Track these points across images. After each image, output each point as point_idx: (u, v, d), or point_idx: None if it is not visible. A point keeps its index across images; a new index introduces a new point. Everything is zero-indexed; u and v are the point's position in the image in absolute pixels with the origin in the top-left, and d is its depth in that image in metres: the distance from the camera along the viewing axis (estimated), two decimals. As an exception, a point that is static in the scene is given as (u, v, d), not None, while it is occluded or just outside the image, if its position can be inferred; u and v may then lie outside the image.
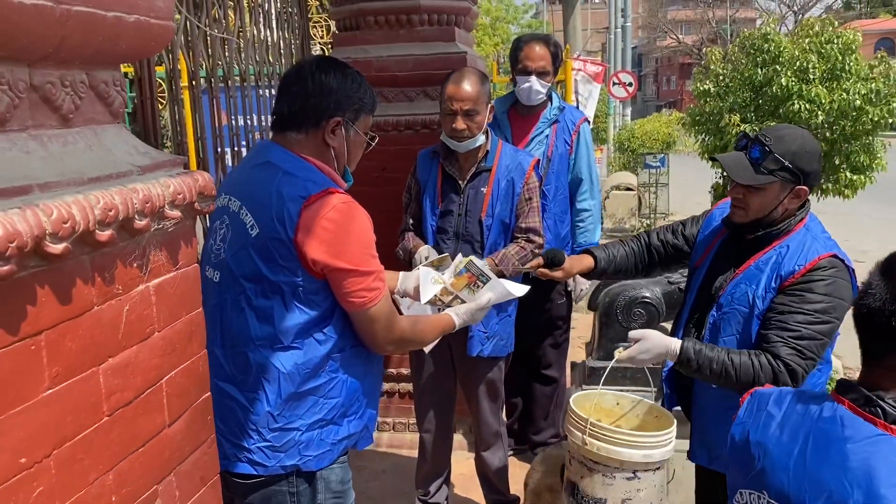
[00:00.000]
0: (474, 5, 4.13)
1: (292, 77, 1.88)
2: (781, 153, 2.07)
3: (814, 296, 2.01)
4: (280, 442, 1.76)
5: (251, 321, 1.72)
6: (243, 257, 1.73)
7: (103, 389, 0.99)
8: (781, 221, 2.14)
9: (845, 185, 7.64)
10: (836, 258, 2.07)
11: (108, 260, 0.99)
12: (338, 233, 1.70)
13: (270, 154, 1.82)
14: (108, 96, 1.08)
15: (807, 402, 1.36)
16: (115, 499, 1.01)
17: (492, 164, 2.92)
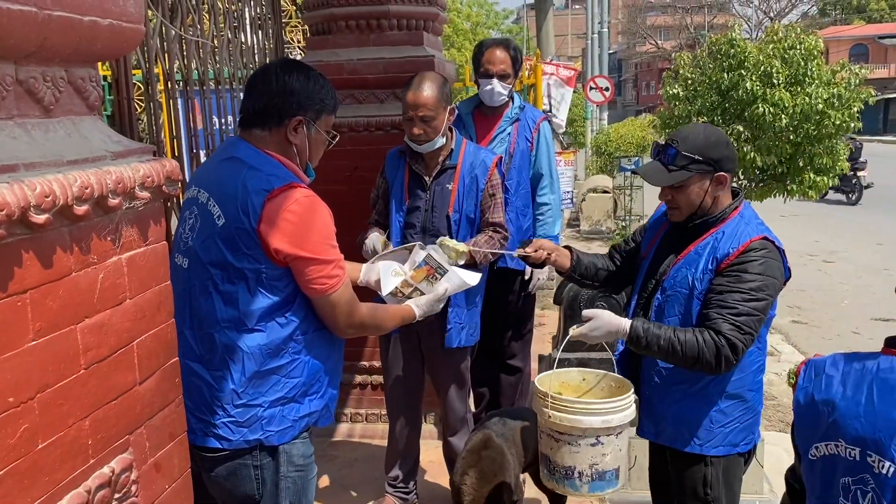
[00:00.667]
0: (442, 11, 4.28)
1: (258, 77, 2.01)
2: (688, 150, 2.24)
3: (748, 275, 2.16)
4: (244, 418, 1.87)
5: (217, 304, 1.84)
6: (210, 245, 1.85)
7: (80, 345, 1.13)
8: (717, 211, 2.30)
9: (809, 186, 7.87)
10: (767, 240, 2.22)
11: (85, 232, 1.14)
12: (299, 224, 1.83)
13: (237, 150, 1.95)
14: (85, 91, 1.23)
15: (862, 360, 1.56)
16: (90, 442, 1.16)
17: (456, 161, 3.09)
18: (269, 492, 1.96)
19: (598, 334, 2.29)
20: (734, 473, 2.40)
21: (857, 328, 7.63)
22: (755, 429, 2.40)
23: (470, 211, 3.08)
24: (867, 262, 10.31)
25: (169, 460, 1.38)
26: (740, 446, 2.35)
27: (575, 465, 2.35)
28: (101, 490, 1.18)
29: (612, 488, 2.39)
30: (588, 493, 2.40)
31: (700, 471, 2.35)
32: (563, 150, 8.43)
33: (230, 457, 1.90)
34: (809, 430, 1.61)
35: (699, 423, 2.31)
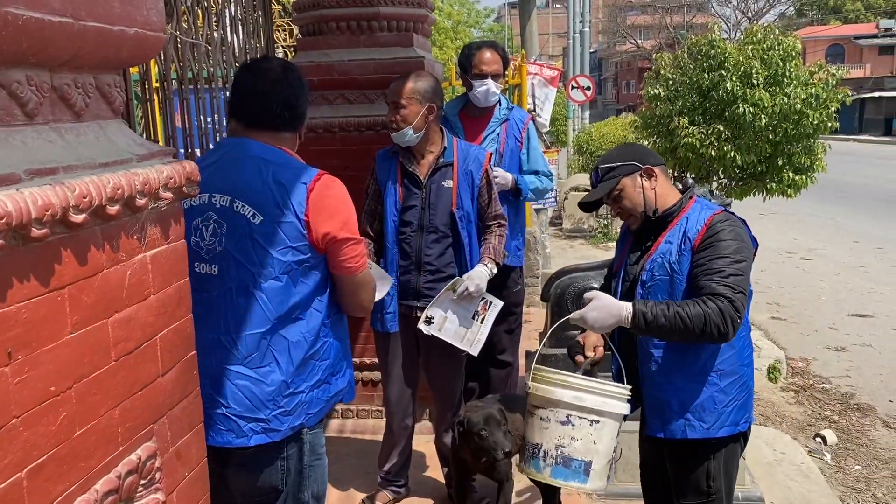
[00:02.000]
0: (431, 12, 4.36)
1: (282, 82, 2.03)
2: (605, 163, 2.48)
3: (723, 242, 2.27)
4: (291, 406, 1.95)
5: (263, 302, 1.89)
6: (247, 245, 1.90)
7: (111, 338, 1.20)
8: (670, 203, 2.43)
9: (788, 184, 8.02)
10: (727, 212, 2.39)
11: (115, 231, 1.20)
12: (340, 207, 1.96)
13: (250, 149, 1.99)
14: (111, 96, 1.29)
15: None
16: (120, 430, 1.22)
17: (451, 159, 3.18)
18: (293, 481, 2.03)
19: (597, 316, 2.30)
20: (733, 462, 2.46)
21: (834, 324, 7.81)
22: (750, 406, 2.45)
23: (469, 206, 3.18)
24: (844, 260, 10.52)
25: (188, 449, 1.45)
26: (741, 424, 2.41)
27: (542, 442, 2.30)
28: (130, 476, 1.24)
29: (577, 482, 2.29)
30: (550, 477, 2.32)
31: (703, 463, 2.39)
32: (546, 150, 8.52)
33: (261, 451, 1.96)
34: None
35: (704, 406, 2.35)
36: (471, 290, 3.10)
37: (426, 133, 3.13)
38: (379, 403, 4.13)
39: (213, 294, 1.90)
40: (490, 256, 3.21)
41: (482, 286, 3.14)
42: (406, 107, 3.07)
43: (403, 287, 3.23)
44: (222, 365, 1.89)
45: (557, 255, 10.16)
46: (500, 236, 3.28)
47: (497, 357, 4.04)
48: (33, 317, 1.03)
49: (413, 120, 3.07)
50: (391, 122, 3.13)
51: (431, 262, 3.18)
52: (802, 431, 5.32)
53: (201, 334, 1.85)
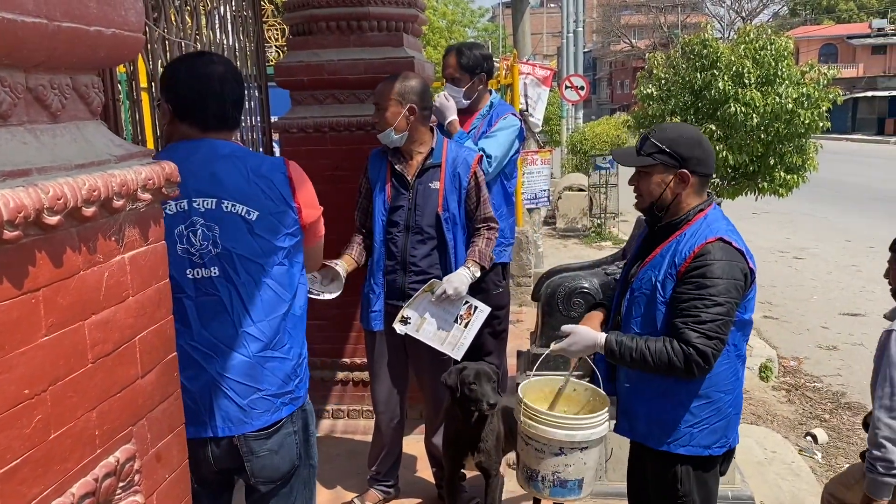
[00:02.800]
0: (422, 12, 4.35)
1: (227, 80, 2.03)
2: (659, 139, 2.31)
3: (708, 281, 2.17)
4: (303, 372, 2.13)
5: (276, 287, 2.00)
6: (249, 240, 1.96)
7: (88, 340, 1.19)
8: (681, 212, 2.33)
9: (780, 184, 8.05)
10: (722, 241, 2.22)
11: (92, 233, 1.20)
12: (309, 186, 2.09)
13: (219, 149, 2.00)
14: (88, 97, 1.28)
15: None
16: (97, 433, 1.22)
17: (439, 160, 3.17)
18: (304, 452, 2.17)
19: (576, 349, 2.42)
20: (709, 471, 2.42)
21: (825, 323, 7.83)
22: (729, 433, 2.38)
23: (455, 209, 3.17)
24: (836, 259, 10.55)
25: (168, 451, 1.44)
26: (712, 448, 2.35)
27: (539, 469, 2.49)
28: (108, 479, 1.23)
29: (573, 496, 2.51)
30: (549, 496, 2.54)
31: (672, 468, 2.38)
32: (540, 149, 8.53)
33: (278, 429, 2.07)
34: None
35: (668, 421, 2.35)
36: (449, 293, 3.08)
37: (411, 134, 3.13)
38: (369, 404, 4.12)
39: (222, 294, 1.95)
40: (474, 259, 3.19)
41: (461, 289, 3.12)
42: (387, 108, 3.09)
43: (390, 286, 3.23)
44: (253, 354, 1.98)
45: (551, 255, 10.17)
46: (487, 239, 3.27)
47: (483, 360, 4.02)
48: (6, 319, 1.02)
49: (394, 121, 3.08)
50: (375, 124, 3.18)
51: (417, 263, 3.18)
52: (793, 430, 5.34)
53: (221, 331, 1.93)
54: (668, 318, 2.26)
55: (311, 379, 4.30)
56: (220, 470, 2.07)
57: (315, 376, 4.39)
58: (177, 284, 1.84)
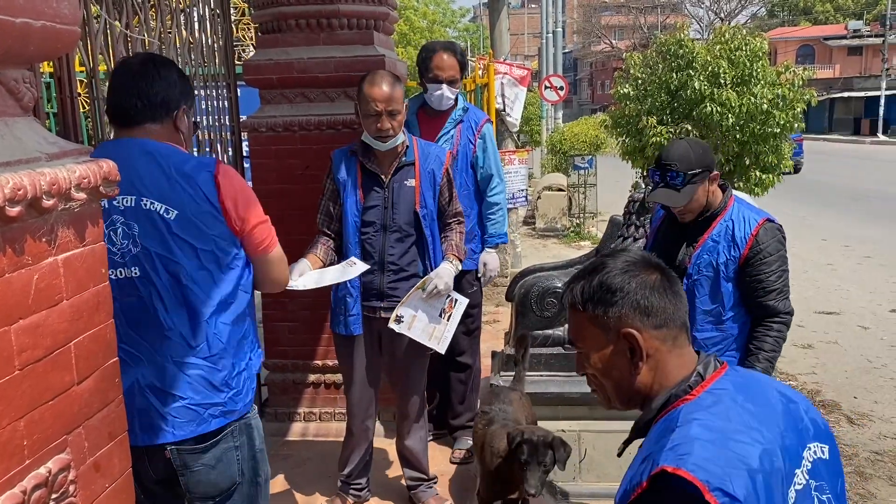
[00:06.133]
0: (393, 10, 4.30)
1: (137, 74, 2.00)
2: (688, 168, 2.67)
3: (769, 258, 2.68)
4: (240, 385, 2.03)
5: (197, 292, 1.91)
6: (168, 241, 1.88)
7: (14, 346, 1.14)
8: (716, 203, 2.75)
9: (755, 183, 8.09)
10: (769, 221, 2.74)
11: (18, 234, 1.14)
12: (246, 192, 1.99)
13: (143, 146, 1.94)
14: (19, 92, 1.23)
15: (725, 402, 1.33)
16: (26, 442, 1.16)
17: (413, 158, 3.14)
18: (248, 468, 2.08)
19: None
20: None
21: (801, 321, 7.85)
22: None
23: (432, 205, 3.16)
24: (812, 258, 10.62)
25: (109, 460, 1.39)
26: None
27: None
28: (38, 490, 1.18)
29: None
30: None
31: None
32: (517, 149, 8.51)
33: (215, 443, 1.99)
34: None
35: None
36: (440, 287, 3.09)
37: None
38: (342, 406, 4.07)
39: (144, 294, 1.89)
40: (454, 254, 3.21)
41: (450, 283, 3.14)
42: (400, 112, 3.04)
43: (366, 288, 3.18)
44: (175, 359, 1.91)
45: (530, 255, 10.15)
46: (460, 233, 3.30)
47: (456, 359, 4.01)
48: (-82, 325, 0.97)
49: (403, 123, 3.07)
50: (387, 130, 3.02)
51: (395, 262, 3.15)
52: (768, 429, 5.34)
53: (145, 335, 1.87)
54: (738, 290, 2.73)
55: (283, 382, 4.30)
56: (161, 481, 2.01)
57: (287, 379, 4.34)
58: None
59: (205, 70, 4.04)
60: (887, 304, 8.24)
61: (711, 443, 1.16)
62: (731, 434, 1.17)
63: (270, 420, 4.31)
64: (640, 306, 1.27)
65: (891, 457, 4.71)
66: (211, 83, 4.13)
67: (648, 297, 1.27)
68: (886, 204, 14.76)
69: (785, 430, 1.20)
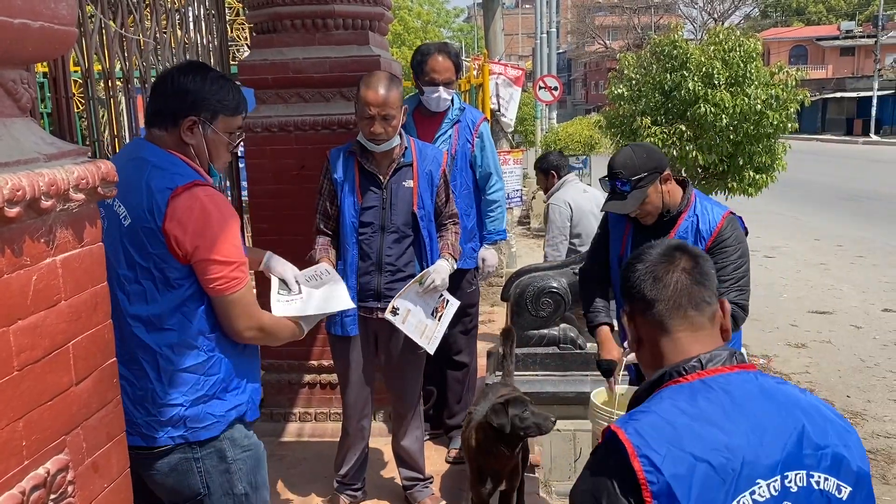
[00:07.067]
0: (388, 11, 4.31)
1: (159, 78, 2.04)
2: (633, 173, 2.67)
3: (729, 249, 2.67)
4: (165, 417, 1.89)
5: (125, 305, 1.85)
6: (117, 245, 1.86)
7: (13, 347, 1.14)
8: (678, 201, 2.75)
9: (749, 183, 8.11)
10: (732, 214, 2.75)
11: (17, 234, 1.14)
12: (202, 223, 1.86)
13: (142, 150, 1.96)
14: (17, 92, 1.23)
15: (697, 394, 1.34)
16: (25, 443, 1.16)
17: (411, 159, 3.14)
18: (218, 482, 1.99)
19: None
20: None
21: (794, 321, 7.91)
22: None
23: (430, 206, 3.16)
24: (805, 257, 10.67)
25: (107, 460, 1.39)
26: None
27: None
28: (37, 491, 1.18)
29: None
30: None
31: None
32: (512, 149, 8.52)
33: (167, 452, 1.91)
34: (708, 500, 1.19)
35: None
36: (437, 282, 3.08)
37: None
38: (337, 406, 4.07)
39: None
40: (449, 252, 3.22)
41: (446, 280, 3.14)
42: (396, 116, 3.00)
43: (363, 288, 3.18)
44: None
45: (525, 255, 10.17)
46: (455, 234, 3.30)
47: (453, 358, 4.01)
48: (-82, 326, 0.97)
49: (399, 127, 3.04)
50: (379, 134, 3.00)
51: (392, 263, 3.15)
52: (762, 428, 5.36)
53: None
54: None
55: (279, 382, 4.30)
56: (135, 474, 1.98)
57: (282, 379, 4.34)
58: None
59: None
60: (880, 304, 8.29)
61: (667, 421, 1.22)
62: (694, 421, 1.22)
63: (266, 420, 4.30)
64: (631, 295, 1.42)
65: (884, 455, 4.75)
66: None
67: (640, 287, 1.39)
68: (879, 204, 14.84)
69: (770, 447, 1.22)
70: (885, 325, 7.53)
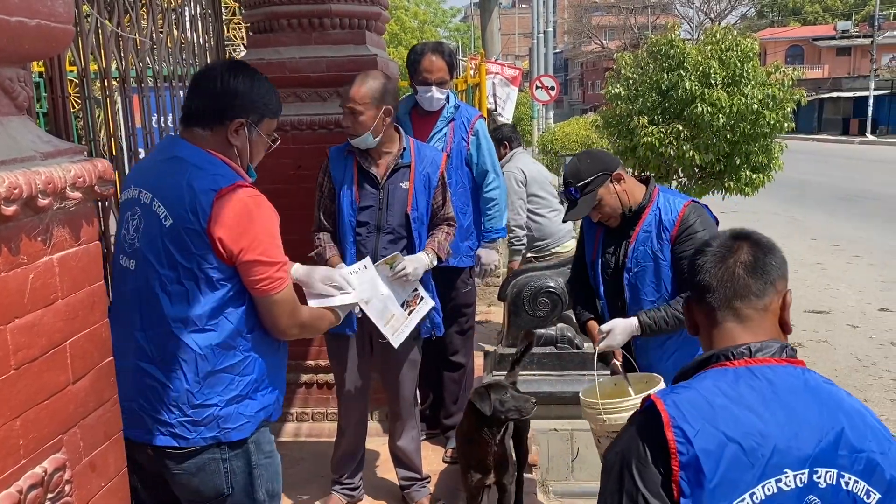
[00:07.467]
0: (385, 10, 4.31)
1: (202, 77, 2.03)
2: (579, 180, 2.74)
3: (698, 233, 2.65)
4: (200, 417, 1.90)
5: (166, 305, 1.85)
6: (158, 246, 1.86)
7: (10, 345, 1.13)
8: (640, 198, 2.77)
9: (746, 183, 8.12)
10: (694, 202, 2.78)
11: (14, 233, 1.14)
12: (247, 224, 1.87)
13: (179, 149, 1.96)
14: (13, 91, 1.23)
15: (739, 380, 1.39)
16: (22, 442, 1.16)
17: (409, 160, 3.14)
18: (242, 483, 1.99)
19: (620, 338, 2.75)
20: None
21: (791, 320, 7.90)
22: None
23: (424, 208, 3.15)
24: (802, 257, 10.68)
25: (104, 459, 1.38)
26: None
27: None
28: (34, 490, 1.18)
29: None
30: None
31: None
32: (509, 149, 8.51)
33: (197, 452, 1.92)
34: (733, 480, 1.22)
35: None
36: (408, 270, 3.02)
37: (383, 134, 3.09)
38: (334, 406, 4.07)
39: (128, 288, 1.89)
40: (433, 248, 3.17)
41: (419, 272, 3.08)
42: (363, 112, 2.99)
43: None
44: (136, 361, 1.86)
45: (521, 255, 10.14)
46: (447, 233, 3.26)
47: (449, 358, 4.01)
48: (-86, 324, 0.96)
49: (371, 124, 3.01)
50: (347, 127, 3.04)
51: None
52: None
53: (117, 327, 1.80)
54: (676, 275, 2.71)
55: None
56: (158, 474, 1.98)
57: (279, 379, 4.33)
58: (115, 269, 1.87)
59: (196, 70, 4.03)
60: (876, 303, 8.31)
61: (706, 399, 1.25)
62: (732, 403, 1.25)
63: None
64: (688, 282, 1.49)
65: (880, 454, 4.75)
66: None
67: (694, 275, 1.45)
68: (875, 203, 14.87)
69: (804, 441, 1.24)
70: (882, 325, 7.55)
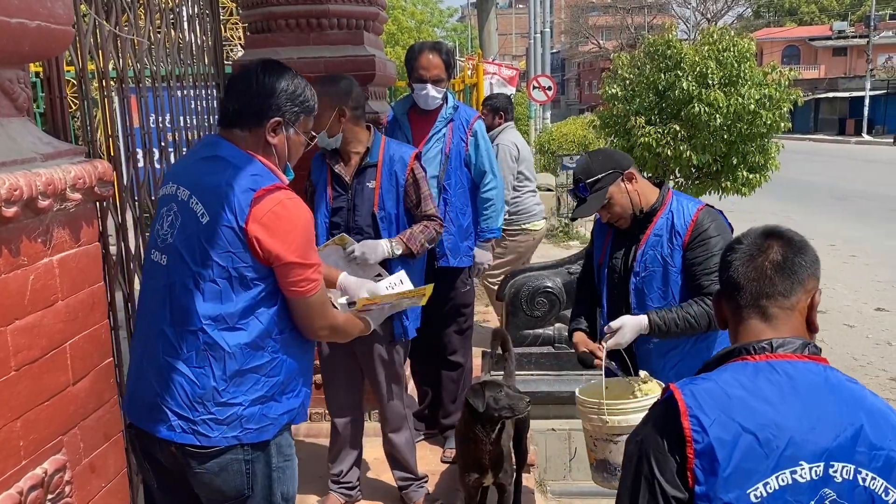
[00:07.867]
0: (382, 10, 4.30)
1: (239, 77, 2.02)
2: (589, 176, 2.66)
3: (712, 239, 2.56)
4: (223, 416, 1.88)
5: (199, 302, 1.84)
6: (193, 243, 1.85)
7: (10, 347, 1.14)
8: (652, 200, 2.68)
9: (742, 183, 8.14)
10: (708, 206, 2.68)
11: (14, 234, 1.14)
12: (285, 226, 1.87)
13: (219, 148, 1.95)
14: (13, 92, 1.23)
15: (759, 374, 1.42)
16: (23, 443, 1.16)
17: (376, 159, 3.13)
18: (261, 485, 1.99)
19: (627, 336, 2.63)
20: None
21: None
22: None
23: (392, 207, 3.13)
24: (798, 257, 10.68)
25: (104, 460, 1.39)
26: None
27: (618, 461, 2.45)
28: (34, 491, 1.18)
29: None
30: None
31: None
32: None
33: (220, 452, 1.91)
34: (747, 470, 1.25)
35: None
36: (356, 253, 2.99)
37: (345, 135, 3.08)
38: (333, 406, 4.07)
39: (160, 284, 1.87)
40: (402, 239, 3.10)
41: (368, 257, 3.01)
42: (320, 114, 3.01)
43: None
44: (164, 357, 1.85)
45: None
46: (424, 226, 3.17)
47: (448, 358, 4.00)
48: (-85, 326, 0.97)
49: (325, 124, 3.02)
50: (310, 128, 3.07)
51: None
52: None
53: (145, 322, 1.80)
54: (687, 282, 2.61)
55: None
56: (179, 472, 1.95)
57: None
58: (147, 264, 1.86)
59: (193, 70, 4.03)
60: (872, 303, 8.32)
61: (724, 390, 1.28)
62: (749, 395, 1.27)
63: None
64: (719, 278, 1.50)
65: (877, 453, 4.76)
66: (200, 83, 4.11)
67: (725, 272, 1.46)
68: (871, 203, 14.90)
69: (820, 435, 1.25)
70: (878, 325, 7.57)
